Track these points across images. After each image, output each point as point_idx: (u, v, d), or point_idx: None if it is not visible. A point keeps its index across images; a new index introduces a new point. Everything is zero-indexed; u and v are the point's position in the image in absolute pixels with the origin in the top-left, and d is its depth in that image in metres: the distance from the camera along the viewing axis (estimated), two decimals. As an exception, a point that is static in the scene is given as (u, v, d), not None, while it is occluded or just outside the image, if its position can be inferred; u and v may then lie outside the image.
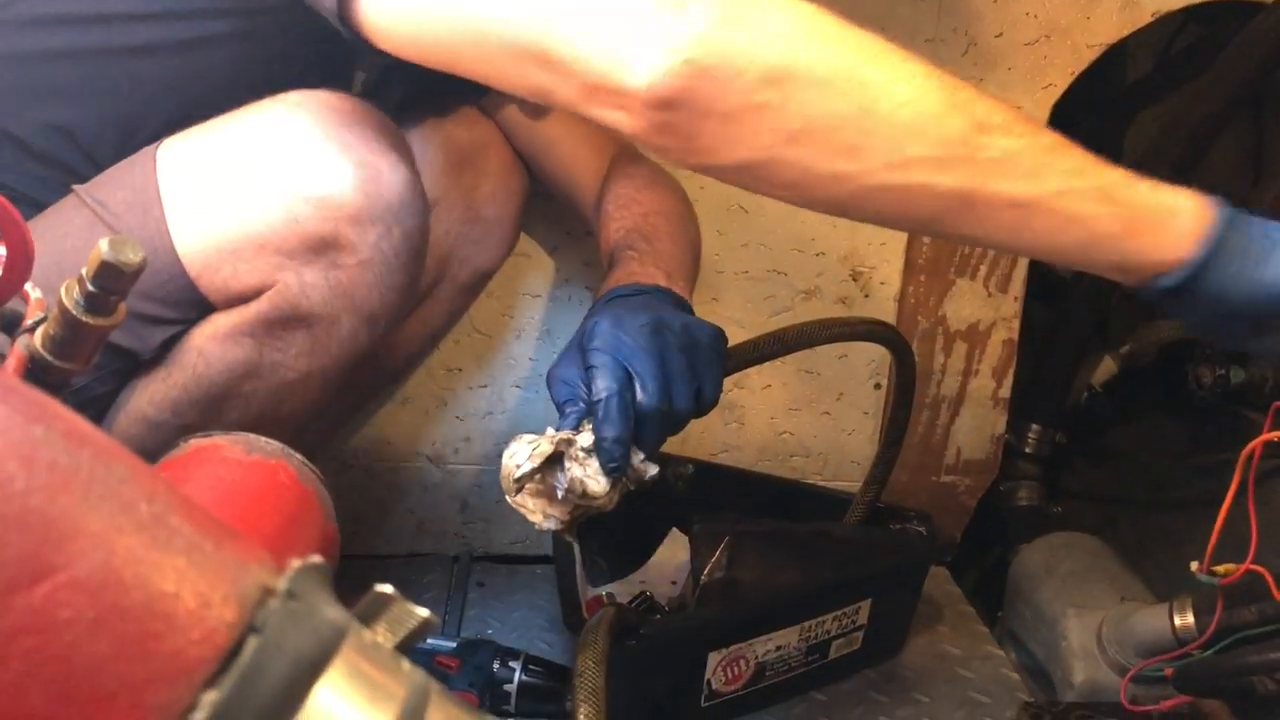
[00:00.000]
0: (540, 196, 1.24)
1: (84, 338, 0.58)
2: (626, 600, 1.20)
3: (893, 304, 1.39)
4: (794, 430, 1.43)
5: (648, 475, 0.87)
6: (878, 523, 1.25)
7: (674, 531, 1.32)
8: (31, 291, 0.64)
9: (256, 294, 0.81)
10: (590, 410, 0.83)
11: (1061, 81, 1.32)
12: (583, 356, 0.85)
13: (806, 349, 1.03)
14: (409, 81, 1.07)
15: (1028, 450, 1.52)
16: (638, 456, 0.85)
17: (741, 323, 1.35)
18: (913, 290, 1.39)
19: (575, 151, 1.19)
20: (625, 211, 1.09)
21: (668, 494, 1.32)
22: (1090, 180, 0.70)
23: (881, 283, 1.39)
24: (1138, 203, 0.71)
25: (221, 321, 0.82)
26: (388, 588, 0.31)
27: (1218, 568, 1.02)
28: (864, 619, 1.15)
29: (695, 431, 1.41)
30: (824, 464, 1.45)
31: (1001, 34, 1.29)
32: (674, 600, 1.22)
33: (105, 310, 0.58)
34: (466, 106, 1.17)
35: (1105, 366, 1.60)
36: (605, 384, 0.82)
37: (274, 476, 0.68)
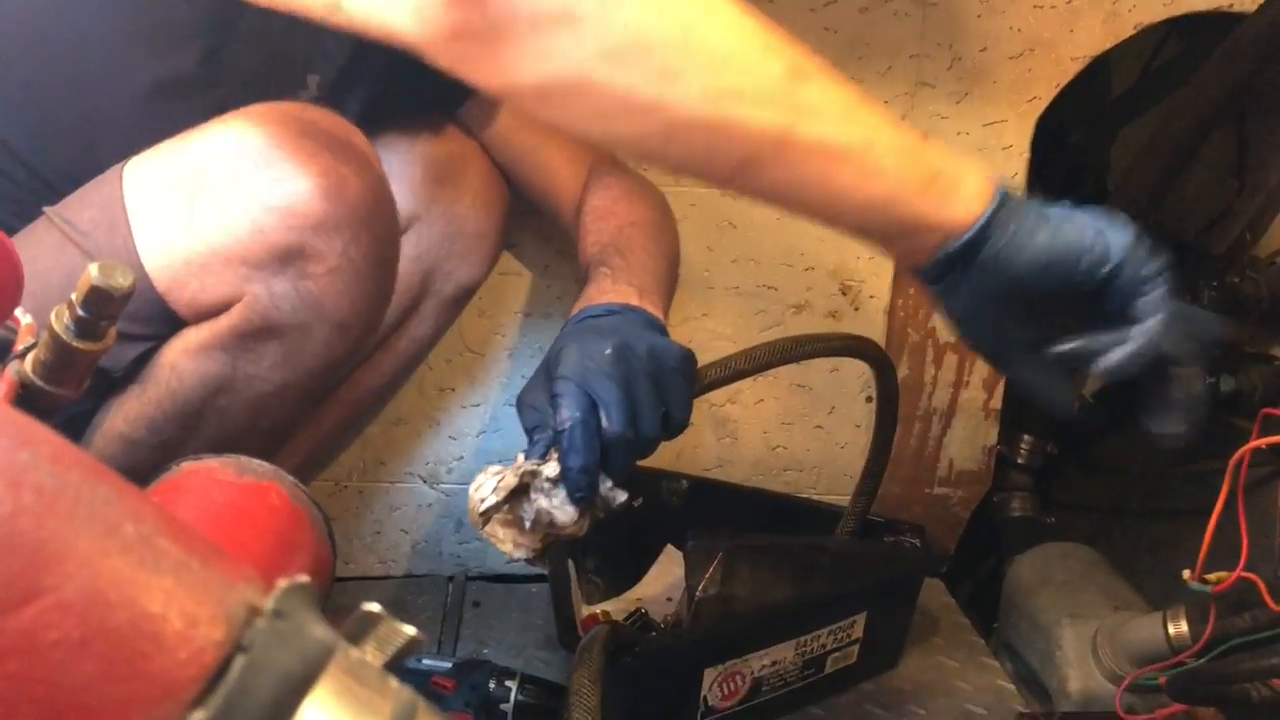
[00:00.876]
0: (531, 214, 1.25)
1: (75, 363, 0.58)
2: (622, 618, 1.20)
3: (882, 317, 1.40)
4: (787, 445, 1.44)
5: (616, 502, 0.86)
6: (871, 536, 1.25)
7: (669, 548, 1.32)
8: (22, 317, 0.64)
9: (226, 307, 0.81)
10: (556, 439, 0.83)
11: (1046, 94, 1.33)
12: (549, 383, 0.86)
13: (784, 365, 1.02)
14: (378, 94, 1.08)
15: (1020, 461, 1.52)
16: (605, 484, 0.85)
17: (733, 338, 1.36)
18: (902, 303, 1.40)
19: (553, 161, 1.19)
20: (601, 224, 1.10)
21: (662, 510, 1.33)
22: (893, 136, 0.68)
23: (871, 296, 1.39)
24: (935, 163, 0.70)
25: (193, 336, 0.82)
26: (375, 606, 0.32)
27: (1210, 576, 1.02)
28: (859, 632, 1.15)
29: (689, 447, 1.42)
30: (818, 478, 1.45)
31: (986, 48, 1.30)
32: (670, 617, 1.22)
33: (95, 335, 0.58)
34: (443, 121, 1.17)
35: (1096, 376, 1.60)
36: (569, 413, 0.83)
37: (265, 498, 0.68)
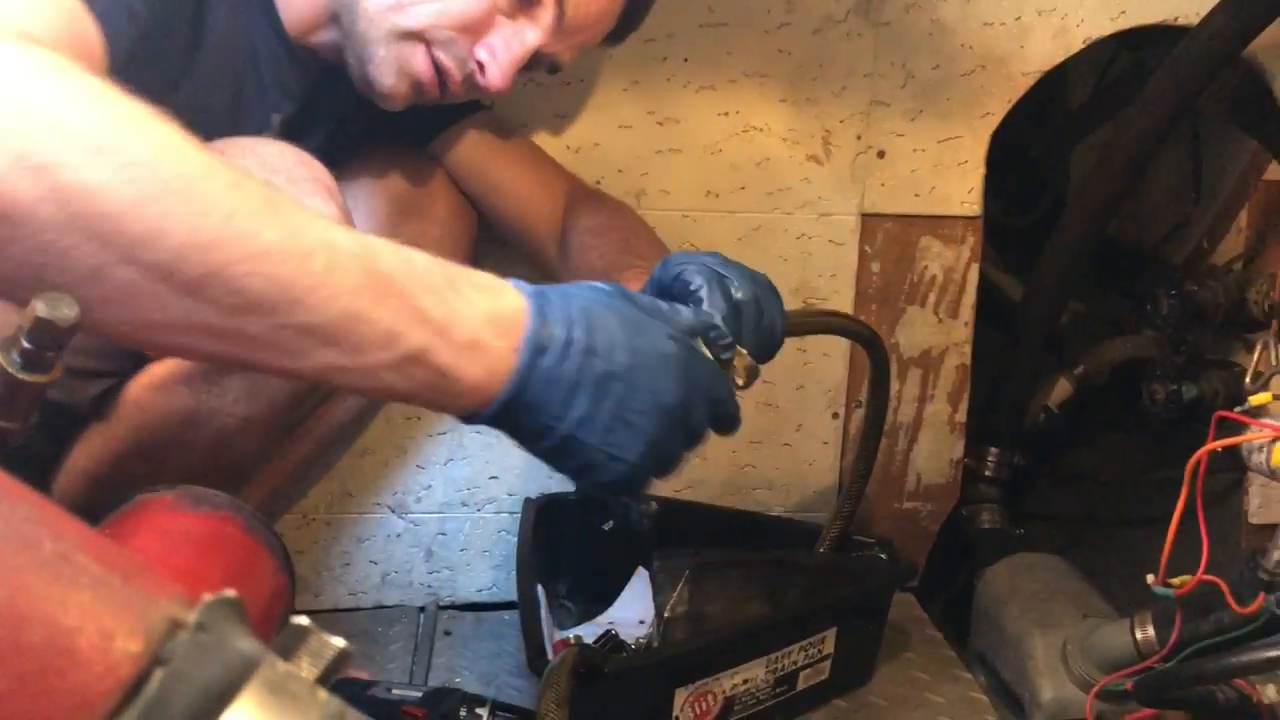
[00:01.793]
0: (494, 242, 1.26)
1: (21, 396, 0.58)
2: (592, 640, 1.20)
3: (847, 334, 1.40)
4: (756, 463, 1.44)
5: (758, 373, 0.82)
6: (841, 550, 1.25)
7: (640, 571, 1.32)
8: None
9: None
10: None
11: (999, 110, 1.35)
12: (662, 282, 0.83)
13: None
14: (342, 128, 1.09)
15: (987, 474, 1.53)
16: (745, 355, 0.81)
17: (698, 359, 1.36)
18: (865, 319, 1.41)
19: (530, 194, 1.21)
20: (604, 239, 1.12)
21: (633, 533, 1.33)
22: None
23: (834, 314, 1.40)
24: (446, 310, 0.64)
25: (157, 371, 0.83)
26: (304, 619, 0.32)
27: (1173, 579, 1.03)
28: (830, 648, 1.16)
29: (657, 469, 1.42)
30: (787, 495, 1.45)
31: (938, 66, 1.32)
32: (642, 640, 1.22)
33: (42, 367, 0.58)
34: (412, 153, 1.18)
35: (1061, 387, 1.62)
36: (701, 279, 0.81)
37: (221, 528, 0.68)
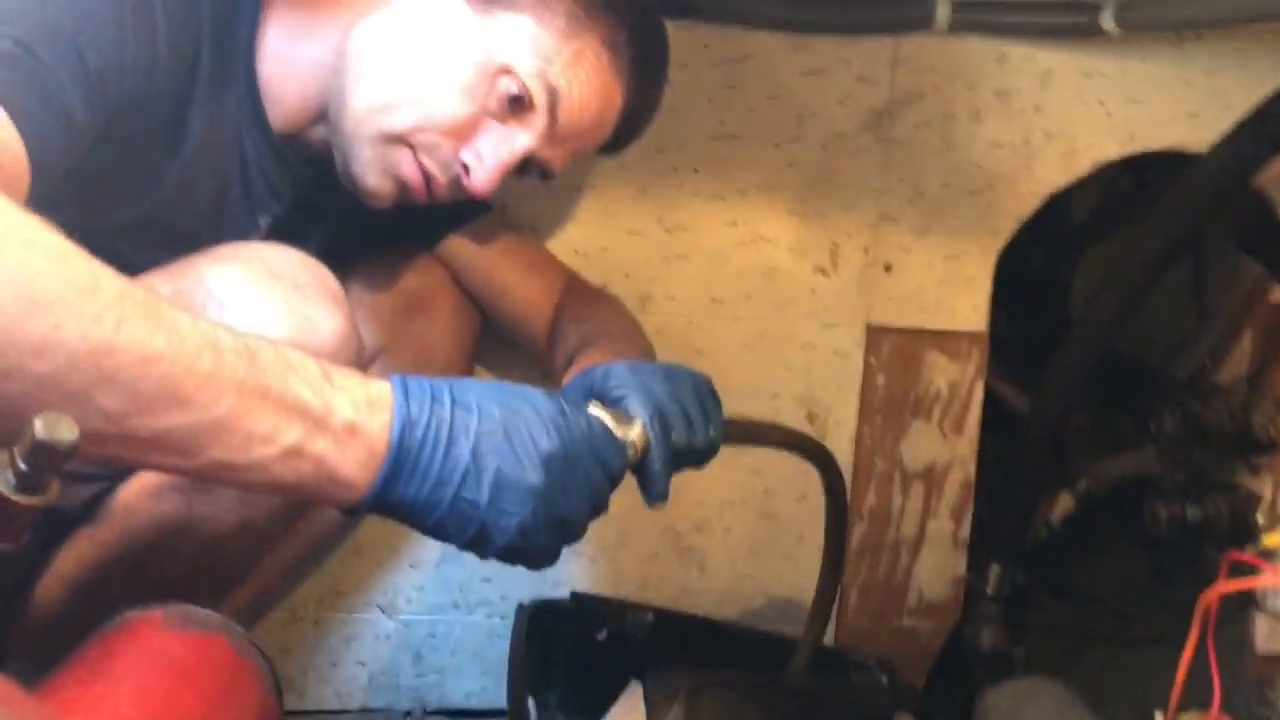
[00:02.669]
0: (498, 343, 1.25)
1: (15, 516, 0.57)
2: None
3: (849, 444, 1.39)
4: (755, 574, 1.42)
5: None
6: (839, 672, 1.23)
7: (633, 683, 1.29)
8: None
9: None
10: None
11: (1007, 228, 1.35)
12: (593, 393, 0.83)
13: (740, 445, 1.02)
14: (343, 229, 1.08)
15: (989, 591, 1.50)
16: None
17: (699, 466, 1.35)
18: (869, 431, 1.40)
19: (530, 295, 1.21)
20: (578, 326, 1.13)
21: (627, 643, 1.30)
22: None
23: (837, 424, 1.39)
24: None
25: (149, 476, 0.81)
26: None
27: (1183, 715, 1.01)
28: (828, 774, 1.12)
29: (654, 576, 1.40)
30: (786, 608, 1.43)
31: (947, 184, 1.33)
32: (633, 755, 1.19)
33: (38, 489, 0.56)
34: (415, 252, 1.18)
35: (1062, 502, 1.61)
36: (646, 414, 0.80)
37: (210, 651, 0.66)
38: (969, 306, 1.37)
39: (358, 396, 0.67)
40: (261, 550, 0.89)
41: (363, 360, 0.88)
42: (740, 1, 1.23)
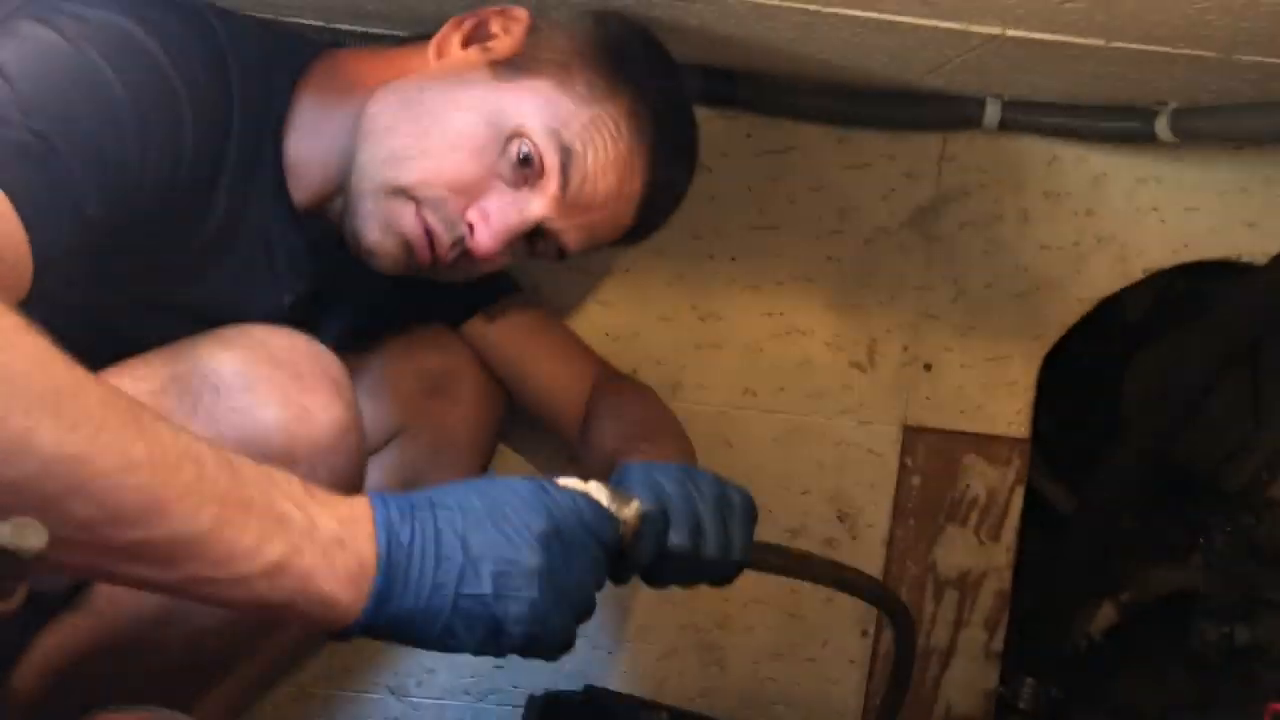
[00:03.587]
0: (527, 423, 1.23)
1: (-20, 622, 0.55)
2: None
3: (881, 547, 1.35)
4: (776, 677, 1.37)
5: None
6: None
7: (643, 784, 1.25)
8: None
9: None
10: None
11: (1053, 333, 1.31)
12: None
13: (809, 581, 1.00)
14: (366, 309, 1.07)
15: (1022, 706, 1.44)
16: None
17: (723, 562, 1.31)
18: (902, 534, 1.35)
19: (557, 379, 1.18)
20: (619, 423, 1.09)
21: (641, 743, 1.26)
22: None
23: (869, 525, 1.35)
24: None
25: None
26: None
27: None
28: None
29: (673, 674, 1.35)
30: (808, 714, 1.37)
31: (991, 284, 1.29)
32: None
33: (3, 594, 0.54)
34: (441, 331, 1.16)
35: (1105, 613, 1.54)
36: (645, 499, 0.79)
37: (179, 761, 0.64)
38: (1011, 410, 1.33)
39: (341, 512, 0.65)
40: (241, 650, 0.87)
41: (366, 450, 0.86)
42: (785, 94, 1.22)
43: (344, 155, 0.92)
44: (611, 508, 0.75)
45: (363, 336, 1.11)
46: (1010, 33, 0.93)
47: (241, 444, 0.75)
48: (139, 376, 0.79)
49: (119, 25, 0.76)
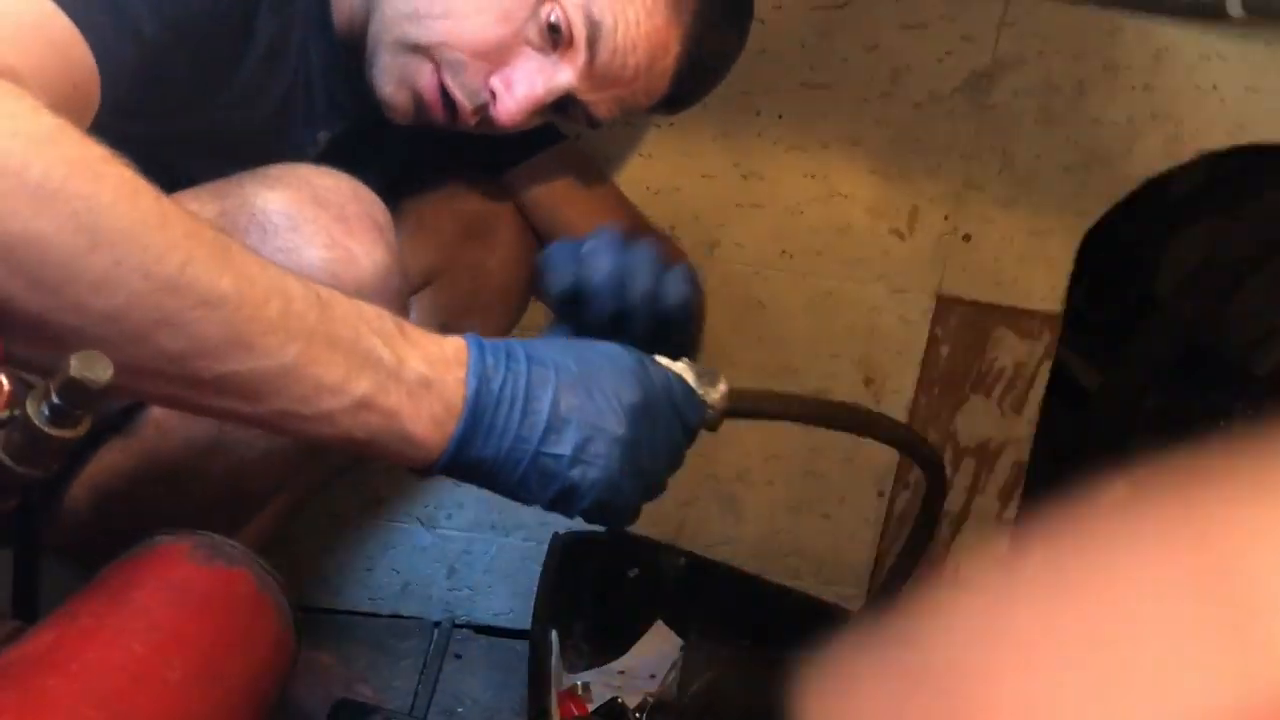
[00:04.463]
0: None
1: (46, 448, 0.57)
2: (595, 706, 1.18)
3: (904, 414, 1.37)
4: (792, 530, 1.41)
5: None
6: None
7: (659, 623, 1.30)
8: (4, 381, 0.63)
9: None
10: None
11: (1096, 209, 1.29)
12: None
13: (835, 429, 0.97)
14: (406, 154, 1.06)
15: (1030, 572, 1.49)
16: None
17: (748, 418, 1.33)
18: (926, 402, 1.37)
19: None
20: None
21: (657, 584, 1.31)
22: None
23: (894, 391, 1.36)
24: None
25: None
26: None
27: None
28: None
29: (692, 519, 1.40)
30: (820, 567, 1.42)
31: (1039, 156, 1.27)
32: (651, 696, 1.20)
33: (70, 423, 0.57)
34: (481, 179, 1.16)
35: (1118, 492, 1.57)
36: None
37: (231, 586, 0.67)
38: (1046, 286, 1.32)
39: (432, 352, 0.65)
40: (288, 477, 0.89)
41: (408, 292, 0.87)
42: (844, -53, 1.18)
43: None
44: (700, 391, 0.75)
45: (403, 180, 1.11)
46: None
47: None
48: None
49: None
